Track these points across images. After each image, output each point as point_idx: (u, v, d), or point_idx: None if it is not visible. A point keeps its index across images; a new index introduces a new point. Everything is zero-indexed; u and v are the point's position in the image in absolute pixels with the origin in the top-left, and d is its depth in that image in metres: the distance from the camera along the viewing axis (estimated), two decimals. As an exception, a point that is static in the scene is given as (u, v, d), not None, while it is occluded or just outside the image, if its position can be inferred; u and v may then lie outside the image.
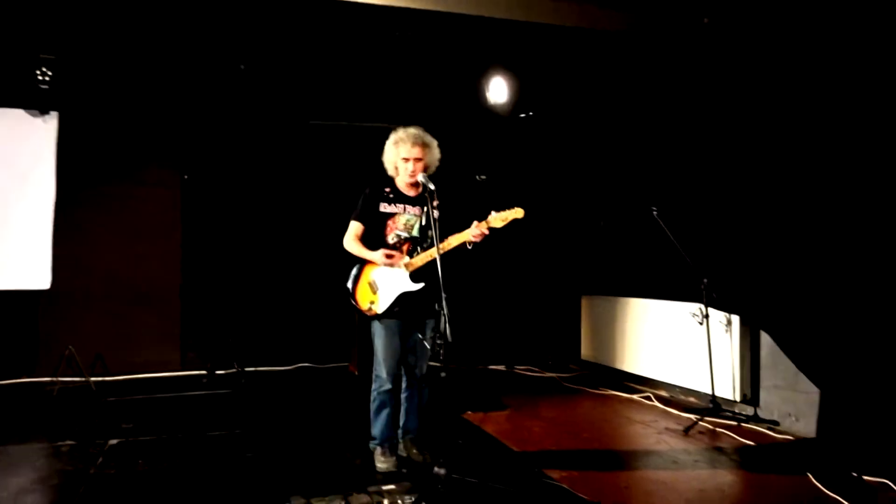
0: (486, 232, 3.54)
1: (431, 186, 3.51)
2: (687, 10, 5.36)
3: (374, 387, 3.80)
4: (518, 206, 3.57)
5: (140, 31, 5.51)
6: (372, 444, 3.82)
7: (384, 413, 3.78)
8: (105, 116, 6.59)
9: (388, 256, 3.66)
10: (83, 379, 5.91)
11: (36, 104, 6.26)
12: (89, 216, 6.57)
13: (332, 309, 6.69)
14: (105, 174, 6.62)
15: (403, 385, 3.89)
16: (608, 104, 6.59)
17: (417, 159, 3.69)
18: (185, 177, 6.81)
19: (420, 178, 3.60)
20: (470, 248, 3.61)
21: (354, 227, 3.78)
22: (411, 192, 3.81)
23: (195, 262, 6.85)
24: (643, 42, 5.62)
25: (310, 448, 4.19)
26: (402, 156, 3.70)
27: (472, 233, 3.53)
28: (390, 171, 3.83)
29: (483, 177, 7.23)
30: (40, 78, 5.85)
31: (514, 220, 3.56)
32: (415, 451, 3.85)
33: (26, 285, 6.30)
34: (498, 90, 6.45)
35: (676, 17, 5.42)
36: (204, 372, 6.43)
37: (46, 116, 6.37)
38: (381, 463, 3.73)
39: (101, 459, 3.92)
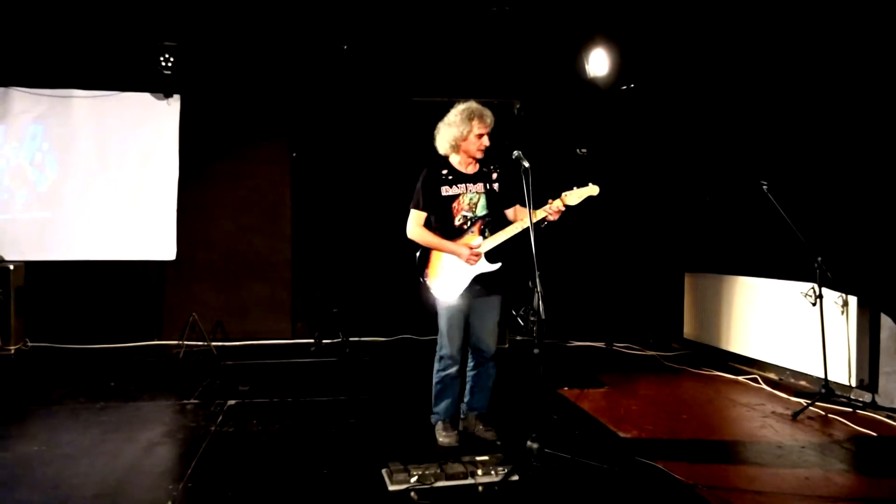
0: (563, 209, 3.49)
1: (526, 164, 3.36)
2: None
3: (438, 367, 3.78)
4: (597, 183, 3.52)
5: (251, 17, 5.82)
6: (433, 419, 3.83)
7: (449, 392, 3.77)
8: (221, 98, 7.01)
9: (475, 255, 3.60)
10: (205, 343, 6.42)
11: (160, 88, 6.76)
12: (209, 192, 7.06)
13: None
14: (221, 152, 7.07)
15: (471, 364, 3.87)
16: (714, 73, 6.27)
17: (489, 134, 3.65)
18: (294, 154, 7.14)
19: (515, 153, 3.44)
20: (543, 226, 3.52)
21: (416, 216, 3.72)
22: (470, 170, 3.73)
23: (304, 236, 7.20)
24: (749, 3, 5.30)
25: (408, 416, 4.33)
26: (479, 131, 3.60)
27: (549, 209, 3.49)
28: (446, 150, 3.73)
29: (584, 150, 7.10)
30: (164, 64, 6.31)
31: (590, 198, 3.52)
32: (481, 427, 3.84)
33: (155, 256, 6.90)
34: (598, 62, 6.30)
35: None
36: (312, 341, 6.79)
37: (170, 99, 6.88)
38: (443, 437, 3.73)
39: (221, 418, 4.27)
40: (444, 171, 3.71)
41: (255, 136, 7.14)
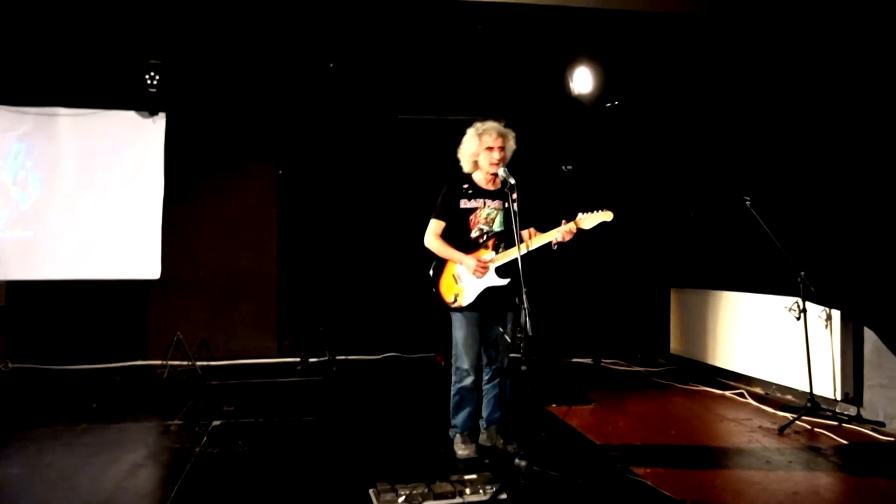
0: (575, 231, 3.61)
1: (512, 181, 3.54)
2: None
3: (455, 379, 3.87)
4: (606, 204, 3.63)
5: (237, 34, 5.83)
6: (452, 432, 3.91)
7: (466, 404, 3.86)
8: (207, 116, 7.00)
9: (483, 267, 3.68)
10: (190, 363, 6.35)
11: (146, 106, 6.74)
12: (193, 210, 7.01)
13: (419, 301, 6.80)
14: (207, 170, 7.04)
15: (486, 377, 3.94)
16: (696, 91, 6.36)
17: (501, 148, 3.77)
18: (280, 172, 7.13)
19: (501, 172, 3.63)
20: (555, 248, 3.66)
21: (435, 225, 3.86)
22: (490, 186, 3.87)
23: (290, 253, 7.17)
24: (728, 23, 5.39)
25: (396, 435, 4.32)
26: (487, 145, 3.76)
27: (562, 230, 3.60)
28: (467, 167, 3.89)
29: (569, 167, 7.15)
30: (149, 82, 6.29)
31: (603, 223, 3.62)
32: (501, 441, 3.90)
33: (139, 275, 6.82)
34: (582, 80, 6.36)
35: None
36: (298, 359, 6.74)
37: (155, 117, 6.84)
38: (462, 450, 3.80)
39: (205, 439, 4.21)
40: (465, 185, 3.87)
41: (241, 154, 7.12)
